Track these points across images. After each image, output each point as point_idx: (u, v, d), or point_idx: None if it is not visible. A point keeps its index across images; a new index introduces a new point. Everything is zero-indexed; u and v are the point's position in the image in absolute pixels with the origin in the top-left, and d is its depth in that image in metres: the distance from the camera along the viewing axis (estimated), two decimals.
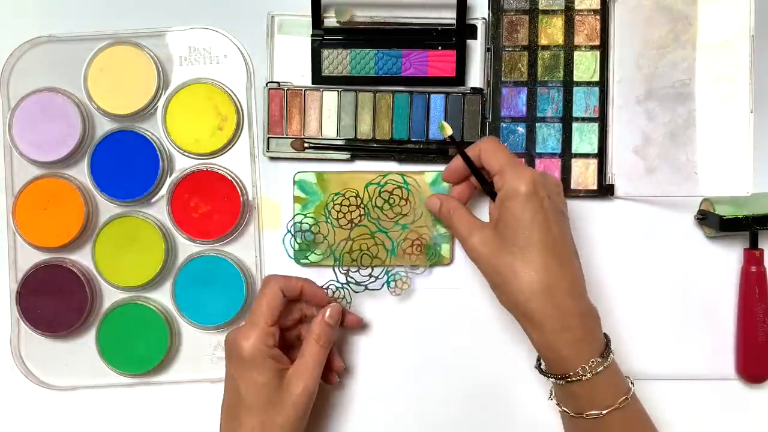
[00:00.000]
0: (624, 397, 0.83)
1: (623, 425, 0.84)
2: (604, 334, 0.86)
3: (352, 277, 0.98)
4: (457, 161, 0.91)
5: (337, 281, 0.98)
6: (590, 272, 0.99)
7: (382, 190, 0.98)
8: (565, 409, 0.87)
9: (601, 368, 0.82)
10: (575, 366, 0.82)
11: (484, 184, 0.90)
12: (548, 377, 0.86)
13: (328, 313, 0.92)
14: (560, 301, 0.82)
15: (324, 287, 0.97)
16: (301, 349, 0.90)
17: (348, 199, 0.99)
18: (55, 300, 0.99)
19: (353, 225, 0.99)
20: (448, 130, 0.90)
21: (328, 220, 0.98)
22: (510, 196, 0.84)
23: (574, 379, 0.82)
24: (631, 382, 0.86)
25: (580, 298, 0.85)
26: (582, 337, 0.83)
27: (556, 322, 0.82)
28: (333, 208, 0.98)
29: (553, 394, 0.89)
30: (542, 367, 0.88)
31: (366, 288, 0.99)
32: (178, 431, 1.02)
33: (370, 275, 0.98)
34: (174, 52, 1.01)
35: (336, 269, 0.99)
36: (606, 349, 0.84)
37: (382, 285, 0.99)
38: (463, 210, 0.91)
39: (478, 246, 0.86)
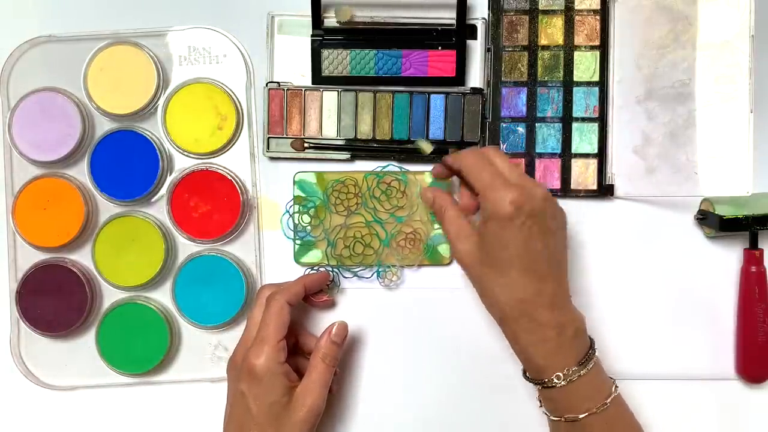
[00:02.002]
0: (602, 403, 0.84)
1: (603, 428, 0.85)
2: (590, 339, 0.87)
3: (343, 263, 1.00)
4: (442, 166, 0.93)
5: (328, 265, 1.00)
6: (590, 272, 0.99)
7: (380, 180, 0.99)
8: (546, 412, 0.88)
9: (576, 376, 0.83)
10: (550, 374, 0.84)
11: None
12: (530, 382, 0.87)
13: (334, 331, 0.92)
14: (537, 315, 0.83)
15: (315, 269, 1.00)
16: (308, 367, 0.90)
17: (347, 186, 0.99)
18: (54, 300, 0.99)
19: (350, 212, 0.99)
20: (427, 148, 0.91)
21: (326, 205, 0.99)
22: (491, 217, 0.84)
23: (549, 385, 0.84)
24: (615, 386, 0.86)
25: (559, 310, 0.85)
26: (557, 348, 0.84)
27: (532, 334, 0.84)
28: (332, 194, 0.99)
29: (538, 396, 0.90)
30: (526, 373, 0.89)
31: (356, 275, 1.00)
32: (178, 431, 1.02)
33: (361, 263, 1.00)
34: (174, 51, 1.01)
35: (328, 252, 1.00)
36: (585, 357, 0.85)
37: (372, 274, 1.00)
38: (454, 211, 0.91)
39: (463, 253, 0.88)
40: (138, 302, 1.00)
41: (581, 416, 0.83)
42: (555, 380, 0.83)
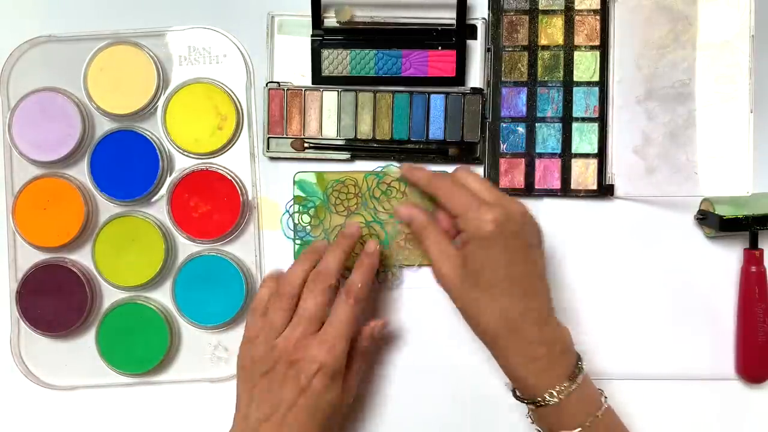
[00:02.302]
0: (594, 416, 0.84)
1: None
2: (577, 355, 0.87)
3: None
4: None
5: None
6: (590, 273, 0.99)
7: (380, 181, 0.99)
8: (539, 429, 0.88)
9: (568, 392, 0.83)
10: (543, 392, 0.83)
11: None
12: (521, 401, 0.87)
13: (376, 330, 0.93)
14: (526, 334, 0.84)
15: None
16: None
17: (347, 186, 0.99)
18: (55, 300, 0.99)
19: (350, 212, 0.99)
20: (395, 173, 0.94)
21: (326, 205, 0.99)
22: (472, 237, 0.84)
23: (542, 404, 0.84)
24: (605, 397, 0.87)
25: (547, 325, 0.85)
26: (548, 366, 0.84)
27: (522, 354, 0.84)
28: (332, 194, 0.99)
29: (529, 413, 0.90)
30: (516, 392, 0.89)
31: None
32: (178, 431, 1.02)
33: None
34: (174, 51, 1.01)
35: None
36: (575, 371, 0.85)
37: None
38: (434, 229, 0.90)
39: (447, 276, 0.87)
40: (138, 302, 1.00)
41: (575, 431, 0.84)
42: (548, 398, 0.83)
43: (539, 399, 0.84)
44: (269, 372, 0.87)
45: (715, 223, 0.95)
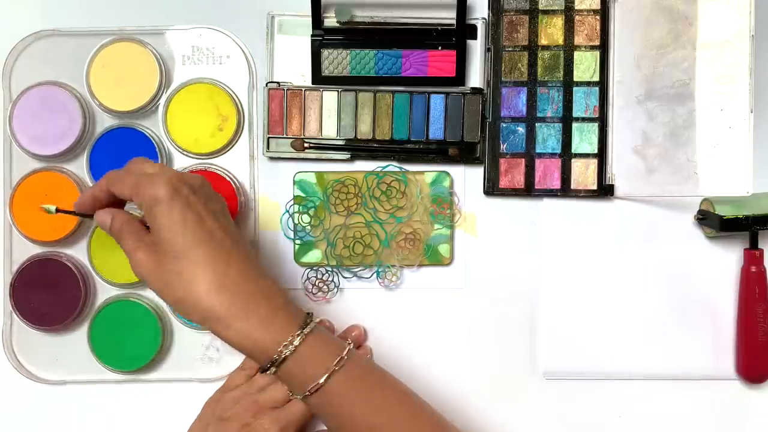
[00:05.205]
0: (338, 357, 0.80)
1: (352, 385, 0.81)
2: (305, 311, 0.83)
3: (343, 263, 1.00)
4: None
5: (328, 265, 1.00)
6: (589, 272, 0.98)
7: (380, 181, 0.98)
8: (296, 395, 0.82)
9: (303, 337, 0.79)
10: (276, 345, 0.78)
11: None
12: (266, 371, 0.80)
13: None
14: (238, 289, 0.79)
15: (314, 269, 1.00)
16: None
17: (347, 186, 0.99)
18: (49, 294, 0.99)
19: (349, 212, 0.99)
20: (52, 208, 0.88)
21: (326, 205, 0.99)
22: (152, 204, 0.79)
23: (281, 359, 0.78)
24: (349, 342, 0.82)
25: (257, 280, 0.80)
26: (272, 317, 0.79)
27: (240, 309, 0.78)
28: (332, 194, 0.99)
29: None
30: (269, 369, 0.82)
31: (356, 275, 1.00)
32: (166, 430, 1.01)
33: (361, 263, 1.00)
34: (177, 50, 1.01)
35: (328, 252, 1.00)
36: (306, 320, 0.81)
37: (372, 274, 1.00)
38: (135, 224, 0.83)
39: (142, 261, 0.80)
40: (131, 300, 1.00)
41: (323, 379, 0.79)
42: (283, 350, 0.78)
43: (275, 356, 0.78)
44: (226, 420, 0.92)
45: (716, 223, 0.94)
